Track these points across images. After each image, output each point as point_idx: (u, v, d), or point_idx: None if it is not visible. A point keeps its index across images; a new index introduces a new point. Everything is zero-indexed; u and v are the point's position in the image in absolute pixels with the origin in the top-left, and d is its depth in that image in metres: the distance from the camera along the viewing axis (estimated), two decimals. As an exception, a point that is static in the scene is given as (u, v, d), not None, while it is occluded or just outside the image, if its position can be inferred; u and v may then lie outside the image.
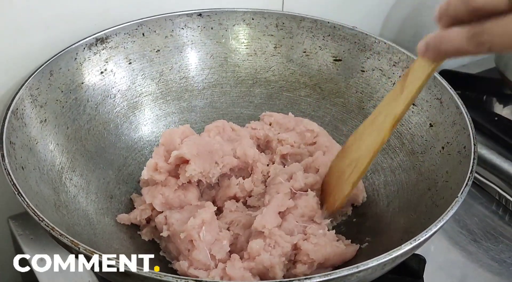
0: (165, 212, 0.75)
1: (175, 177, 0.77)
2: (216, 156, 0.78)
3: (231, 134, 0.87)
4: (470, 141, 0.72)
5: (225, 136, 0.85)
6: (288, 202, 0.74)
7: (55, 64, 0.80)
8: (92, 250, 0.54)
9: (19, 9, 0.79)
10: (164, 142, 0.78)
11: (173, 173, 0.77)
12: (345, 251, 0.71)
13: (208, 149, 0.78)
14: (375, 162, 0.86)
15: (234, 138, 0.86)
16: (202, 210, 0.71)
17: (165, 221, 0.74)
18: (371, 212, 0.81)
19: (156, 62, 0.92)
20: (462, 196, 0.65)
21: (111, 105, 0.87)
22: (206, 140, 0.80)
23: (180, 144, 0.77)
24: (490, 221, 0.89)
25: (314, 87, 0.95)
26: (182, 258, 0.70)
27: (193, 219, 0.69)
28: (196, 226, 0.69)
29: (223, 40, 0.96)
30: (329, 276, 0.54)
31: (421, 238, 0.59)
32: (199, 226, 0.69)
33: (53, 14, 0.82)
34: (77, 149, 0.79)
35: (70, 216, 0.70)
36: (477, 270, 0.82)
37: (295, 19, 0.96)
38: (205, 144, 0.78)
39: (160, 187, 0.76)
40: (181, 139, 0.78)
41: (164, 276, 0.52)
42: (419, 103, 0.84)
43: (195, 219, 0.69)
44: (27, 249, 0.82)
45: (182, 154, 0.74)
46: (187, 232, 0.68)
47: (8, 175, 0.63)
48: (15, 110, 0.72)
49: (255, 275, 0.68)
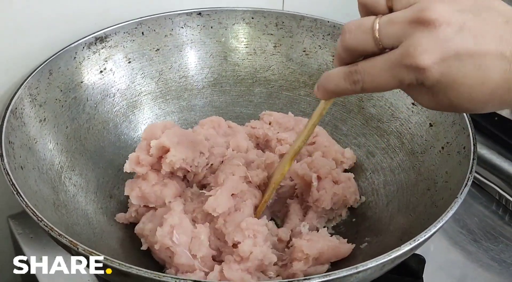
0: (140, 221, 0.75)
1: (157, 171, 0.76)
2: (201, 145, 0.77)
3: (227, 130, 0.87)
4: (470, 141, 0.72)
5: (220, 131, 0.85)
6: (242, 185, 0.73)
7: (55, 64, 0.80)
8: (90, 251, 0.54)
9: (19, 9, 0.79)
10: (146, 135, 0.77)
11: (156, 166, 0.76)
12: (339, 245, 0.71)
13: (191, 139, 0.77)
14: (375, 161, 0.86)
15: (229, 133, 0.86)
16: (168, 215, 0.70)
17: (142, 232, 0.73)
18: (371, 212, 0.81)
19: (156, 61, 0.92)
20: (461, 197, 0.64)
21: (111, 105, 0.87)
22: (188, 132, 0.80)
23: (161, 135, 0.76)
24: (490, 221, 0.89)
25: (313, 87, 0.94)
26: (168, 266, 0.70)
27: (160, 228, 0.68)
28: (166, 233, 0.68)
29: (222, 39, 0.96)
30: (328, 276, 0.53)
31: (421, 239, 0.59)
32: (169, 232, 0.68)
33: (53, 14, 0.82)
34: (76, 148, 0.79)
35: (69, 216, 0.70)
36: (477, 270, 0.82)
37: (294, 18, 0.95)
38: (187, 134, 0.78)
39: (140, 180, 0.75)
40: (162, 131, 0.77)
41: (163, 277, 0.51)
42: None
43: (163, 227, 0.68)
44: (27, 248, 0.82)
45: (161, 143, 0.73)
46: (160, 242, 0.68)
47: (7, 174, 0.63)
48: (14, 110, 0.72)
49: (253, 273, 0.68)
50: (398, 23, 0.47)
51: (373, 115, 0.89)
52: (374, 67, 0.49)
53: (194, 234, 0.69)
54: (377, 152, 0.87)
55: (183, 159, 0.74)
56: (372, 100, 0.89)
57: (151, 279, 0.52)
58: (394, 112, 0.87)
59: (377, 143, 0.87)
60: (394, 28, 0.47)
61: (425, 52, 0.45)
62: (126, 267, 0.52)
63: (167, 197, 0.75)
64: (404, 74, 0.47)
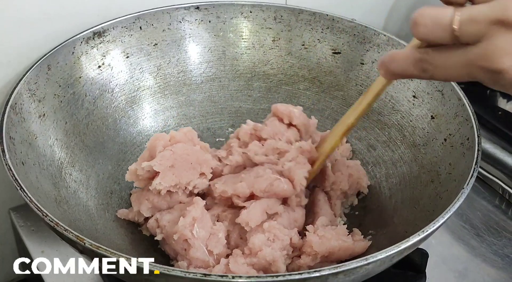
0: (156, 215, 0.73)
1: None
2: (205, 166, 0.74)
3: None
4: (474, 132, 0.72)
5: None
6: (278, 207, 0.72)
7: (53, 58, 0.79)
8: (98, 245, 0.53)
9: (18, 3, 0.78)
10: (149, 146, 0.75)
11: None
12: (352, 246, 0.70)
13: (195, 158, 0.74)
14: (376, 154, 0.86)
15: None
16: (192, 207, 0.69)
17: (157, 224, 0.72)
18: (373, 205, 0.81)
19: (154, 56, 0.91)
20: (467, 188, 0.64)
21: (109, 100, 0.86)
22: (195, 149, 0.75)
23: (161, 151, 0.73)
24: (493, 215, 0.89)
25: (313, 81, 0.95)
26: (180, 258, 0.69)
27: (183, 218, 0.68)
28: (187, 225, 0.67)
29: (221, 33, 0.95)
30: (338, 268, 0.53)
31: (429, 230, 0.59)
32: (190, 224, 0.67)
33: (52, 8, 0.81)
34: (76, 144, 0.78)
35: (71, 211, 0.69)
36: (480, 264, 0.82)
37: (293, 12, 0.95)
38: (192, 152, 0.74)
39: (145, 192, 0.74)
40: (164, 147, 0.73)
41: (172, 271, 0.51)
42: (420, 96, 0.84)
43: (185, 218, 0.68)
44: (28, 241, 0.82)
45: (151, 166, 0.71)
46: (180, 232, 0.67)
47: (10, 170, 0.62)
48: (13, 105, 0.71)
49: (258, 271, 0.67)
50: (480, 22, 0.46)
51: (374, 109, 0.88)
52: (448, 61, 0.48)
53: (213, 231, 0.69)
54: (378, 145, 0.86)
55: (171, 185, 0.72)
56: (372, 94, 0.89)
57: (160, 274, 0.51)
58: (394, 105, 0.86)
59: (378, 136, 0.87)
60: (475, 27, 0.46)
61: (504, 55, 0.45)
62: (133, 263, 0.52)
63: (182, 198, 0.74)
64: (479, 73, 0.47)
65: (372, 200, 0.82)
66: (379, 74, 0.58)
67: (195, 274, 0.51)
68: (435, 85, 0.82)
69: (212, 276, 0.51)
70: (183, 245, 0.68)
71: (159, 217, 0.72)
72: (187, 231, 0.67)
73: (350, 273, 0.55)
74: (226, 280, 0.51)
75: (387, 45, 0.89)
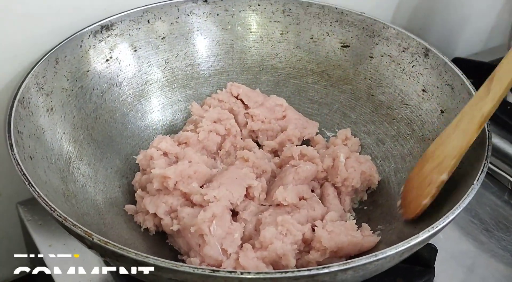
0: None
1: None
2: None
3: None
4: (485, 127, 0.71)
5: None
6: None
7: (61, 52, 0.79)
8: (106, 241, 0.53)
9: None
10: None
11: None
12: (361, 241, 0.69)
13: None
14: (385, 149, 0.85)
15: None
16: (213, 203, 0.69)
17: (175, 215, 0.72)
18: (382, 200, 0.80)
19: (162, 49, 0.91)
20: (478, 183, 0.64)
21: (117, 94, 0.86)
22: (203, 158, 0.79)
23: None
24: (502, 210, 0.89)
25: (321, 74, 0.94)
26: (193, 254, 0.69)
27: (203, 212, 0.68)
28: (206, 219, 0.67)
29: (229, 26, 0.95)
30: (347, 264, 0.53)
31: (439, 226, 0.58)
32: (209, 220, 0.67)
33: (59, 2, 0.81)
34: (84, 138, 0.78)
35: (79, 206, 0.69)
36: (489, 260, 0.82)
37: (302, 5, 0.94)
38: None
39: (162, 195, 0.74)
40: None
41: (181, 266, 0.51)
42: (429, 90, 0.83)
43: (206, 212, 0.68)
44: (36, 235, 0.81)
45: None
46: (197, 226, 0.67)
47: (18, 164, 0.62)
48: (21, 99, 0.71)
49: (268, 264, 0.67)
50: None
51: (383, 103, 0.88)
52: None
53: (230, 230, 0.68)
54: (387, 140, 0.86)
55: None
56: (381, 88, 0.89)
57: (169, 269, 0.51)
58: (404, 99, 0.86)
59: (387, 130, 0.86)
60: None
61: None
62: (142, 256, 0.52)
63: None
64: None
65: (381, 195, 0.81)
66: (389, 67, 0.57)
67: (203, 270, 0.51)
68: (445, 79, 0.81)
69: (220, 272, 0.51)
70: (198, 240, 0.67)
71: (179, 209, 0.72)
72: (204, 226, 0.66)
73: (359, 269, 0.54)
74: (235, 276, 0.51)
75: (396, 39, 0.88)
